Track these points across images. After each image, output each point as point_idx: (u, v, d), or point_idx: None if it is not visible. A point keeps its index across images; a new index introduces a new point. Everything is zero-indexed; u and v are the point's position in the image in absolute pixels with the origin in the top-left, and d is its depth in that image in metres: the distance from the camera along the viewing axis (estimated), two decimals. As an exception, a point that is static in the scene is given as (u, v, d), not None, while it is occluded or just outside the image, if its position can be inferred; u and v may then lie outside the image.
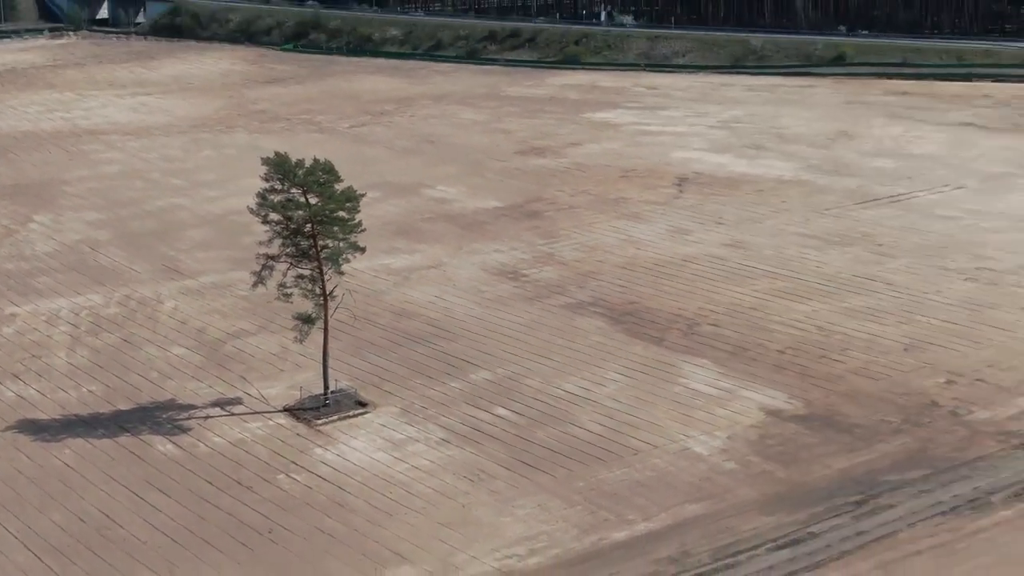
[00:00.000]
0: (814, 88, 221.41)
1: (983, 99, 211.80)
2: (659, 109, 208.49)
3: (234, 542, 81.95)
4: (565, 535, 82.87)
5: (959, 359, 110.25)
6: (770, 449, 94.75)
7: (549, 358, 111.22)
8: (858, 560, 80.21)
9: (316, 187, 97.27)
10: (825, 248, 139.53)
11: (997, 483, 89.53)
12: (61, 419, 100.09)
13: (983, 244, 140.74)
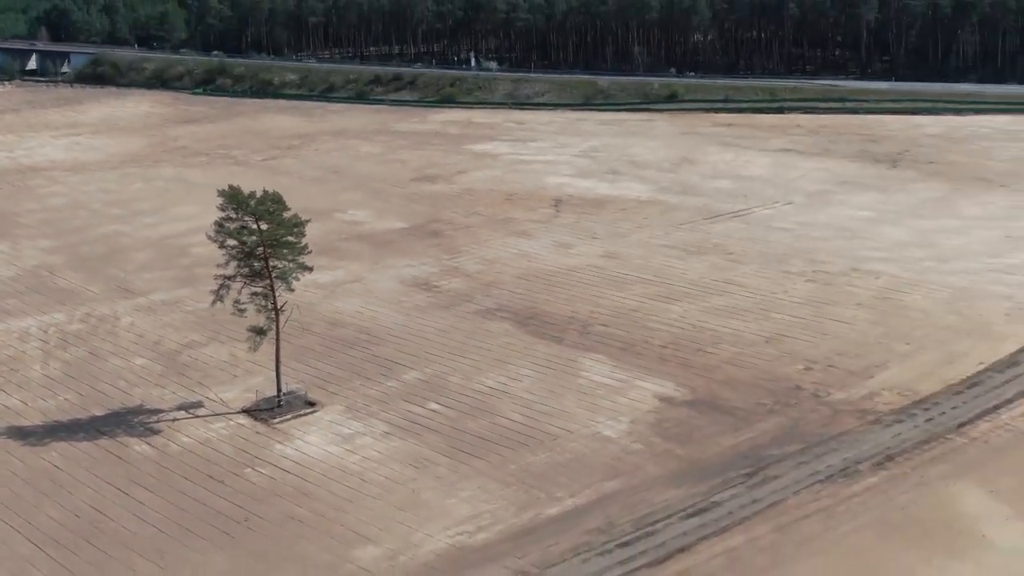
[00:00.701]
0: (654, 121, 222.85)
1: (796, 128, 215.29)
2: (528, 141, 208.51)
3: (214, 530, 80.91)
4: (505, 512, 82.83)
5: (812, 348, 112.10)
6: (668, 431, 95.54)
7: (467, 357, 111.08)
8: (757, 524, 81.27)
9: (267, 215, 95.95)
10: (685, 257, 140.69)
11: (861, 454, 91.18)
12: (43, 425, 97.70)
13: (815, 250, 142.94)
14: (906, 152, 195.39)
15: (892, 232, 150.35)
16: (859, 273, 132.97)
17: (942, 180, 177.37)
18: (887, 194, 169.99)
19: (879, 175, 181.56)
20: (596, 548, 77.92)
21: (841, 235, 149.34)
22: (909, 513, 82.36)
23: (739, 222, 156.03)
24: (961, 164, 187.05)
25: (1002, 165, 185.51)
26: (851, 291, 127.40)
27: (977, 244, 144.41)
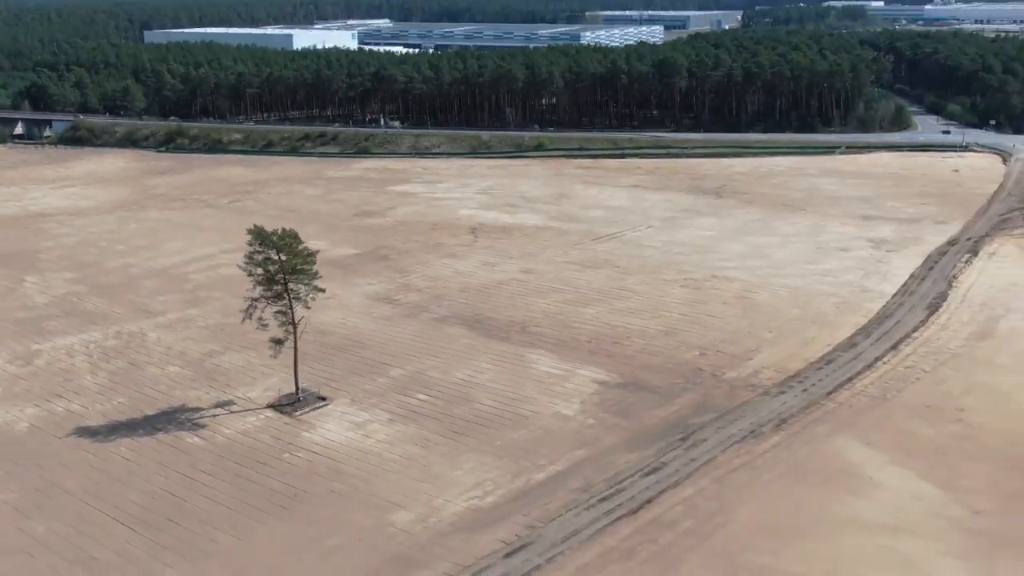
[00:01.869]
0: (530, 166, 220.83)
1: (637, 169, 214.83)
2: (436, 182, 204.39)
3: (272, 504, 78.39)
4: (503, 479, 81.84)
5: (700, 338, 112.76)
6: (611, 408, 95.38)
7: (437, 356, 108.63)
8: (700, 478, 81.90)
9: (286, 248, 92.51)
10: (584, 270, 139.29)
11: (761, 419, 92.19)
12: (106, 425, 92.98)
13: (681, 263, 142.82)
14: (724, 186, 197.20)
15: (733, 247, 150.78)
16: (718, 279, 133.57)
17: (757, 207, 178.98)
18: (719, 218, 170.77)
19: (709, 204, 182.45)
20: (582, 504, 77.51)
21: (696, 250, 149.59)
22: (809, 463, 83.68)
23: (617, 242, 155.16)
24: (767, 194, 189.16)
25: (798, 194, 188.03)
26: (716, 293, 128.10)
27: (797, 254, 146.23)
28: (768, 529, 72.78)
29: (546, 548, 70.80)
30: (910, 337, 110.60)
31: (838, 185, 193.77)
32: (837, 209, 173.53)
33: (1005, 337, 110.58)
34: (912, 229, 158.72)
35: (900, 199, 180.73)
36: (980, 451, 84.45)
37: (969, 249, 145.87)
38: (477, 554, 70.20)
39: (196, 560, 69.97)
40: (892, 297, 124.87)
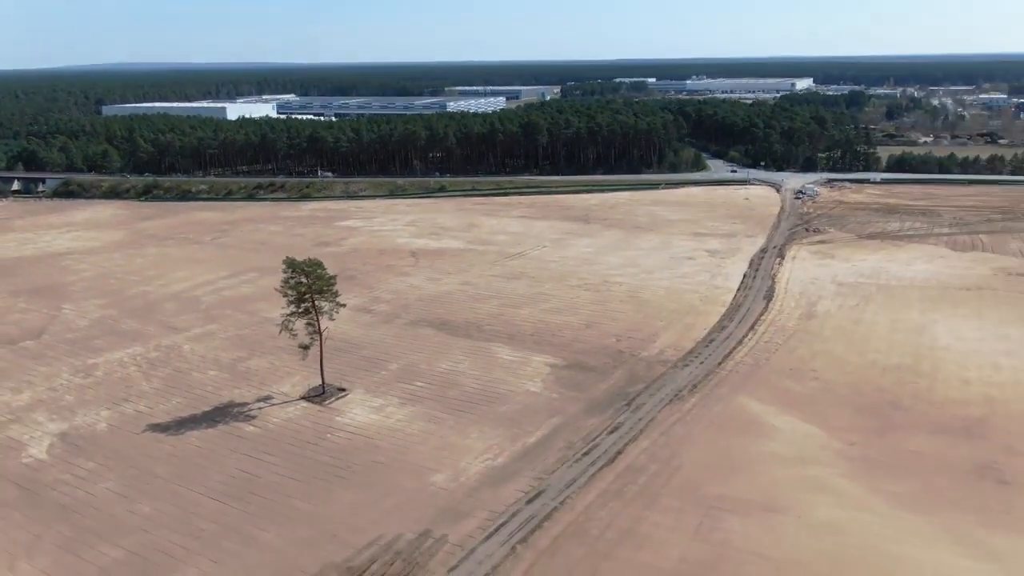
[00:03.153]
0: (438, 203, 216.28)
1: (519, 204, 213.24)
2: (371, 218, 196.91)
3: (331, 475, 74.50)
4: (505, 444, 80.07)
5: (612, 328, 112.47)
6: (566, 384, 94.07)
7: (419, 352, 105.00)
8: (650, 432, 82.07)
9: (312, 272, 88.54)
10: (508, 281, 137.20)
11: (678, 386, 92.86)
12: (172, 421, 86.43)
13: (577, 272, 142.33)
14: (587, 214, 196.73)
15: (611, 259, 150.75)
16: (609, 283, 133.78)
17: (617, 229, 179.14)
18: (593, 238, 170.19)
19: (581, 228, 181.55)
20: (570, 459, 76.37)
21: (585, 263, 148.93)
22: (724, 417, 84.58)
23: (524, 259, 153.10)
24: (621, 219, 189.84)
25: (643, 219, 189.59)
26: (612, 294, 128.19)
27: (659, 263, 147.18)
28: (713, 467, 73.45)
29: (556, 494, 69.65)
30: (760, 320, 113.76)
31: (668, 212, 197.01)
32: (675, 229, 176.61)
33: (824, 316, 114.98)
34: (732, 241, 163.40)
35: (715, 220, 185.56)
36: (837, 400, 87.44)
37: (777, 254, 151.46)
38: (505, 502, 68.46)
39: (286, 524, 65.85)
40: (737, 292, 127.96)
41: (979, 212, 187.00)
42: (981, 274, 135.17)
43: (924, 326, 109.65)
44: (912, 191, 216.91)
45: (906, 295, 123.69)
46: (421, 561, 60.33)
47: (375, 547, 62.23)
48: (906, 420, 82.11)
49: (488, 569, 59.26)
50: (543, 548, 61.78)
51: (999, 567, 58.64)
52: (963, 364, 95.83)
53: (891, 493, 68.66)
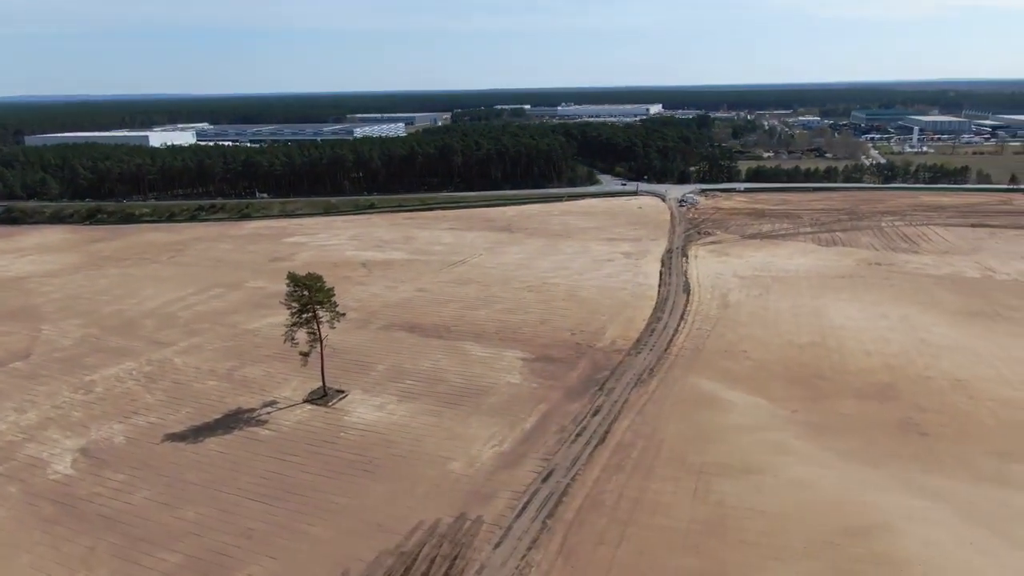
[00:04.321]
0: (372, 219, 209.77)
1: (445, 217, 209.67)
2: (314, 234, 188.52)
3: (357, 470, 71.78)
4: (505, 431, 79.13)
5: (565, 324, 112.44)
6: (540, 375, 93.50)
7: (400, 353, 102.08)
8: (628, 413, 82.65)
9: (312, 286, 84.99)
10: (459, 286, 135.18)
11: (639, 371, 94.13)
12: (189, 429, 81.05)
13: (517, 277, 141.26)
14: (509, 225, 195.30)
15: (542, 263, 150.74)
16: (548, 285, 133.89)
17: (539, 237, 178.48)
18: (521, 246, 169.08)
19: (508, 237, 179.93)
20: (567, 440, 76.22)
21: (520, 267, 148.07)
22: (685, 395, 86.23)
23: (466, 266, 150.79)
24: (539, 228, 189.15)
25: (558, 228, 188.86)
26: (553, 294, 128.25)
27: (585, 266, 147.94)
28: (691, 439, 74.97)
29: (565, 471, 69.48)
30: (687, 311, 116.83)
31: (578, 221, 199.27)
32: (589, 236, 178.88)
33: (737, 305, 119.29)
34: (640, 245, 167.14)
35: (620, 227, 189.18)
36: (771, 375, 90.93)
37: (682, 254, 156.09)
38: (523, 482, 67.79)
39: (329, 518, 62.97)
40: (659, 287, 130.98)
41: (829, 214, 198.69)
42: (848, 265, 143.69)
43: (818, 309, 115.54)
44: (771, 198, 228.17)
45: (796, 284, 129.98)
46: (466, 541, 58.97)
47: (420, 532, 60.39)
48: (831, 388, 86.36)
49: (528, 543, 58.54)
50: (570, 520, 61.56)
51: (944, 503, 62.57)
52: (860, 339, 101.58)
53: (840, 450, 72.07)
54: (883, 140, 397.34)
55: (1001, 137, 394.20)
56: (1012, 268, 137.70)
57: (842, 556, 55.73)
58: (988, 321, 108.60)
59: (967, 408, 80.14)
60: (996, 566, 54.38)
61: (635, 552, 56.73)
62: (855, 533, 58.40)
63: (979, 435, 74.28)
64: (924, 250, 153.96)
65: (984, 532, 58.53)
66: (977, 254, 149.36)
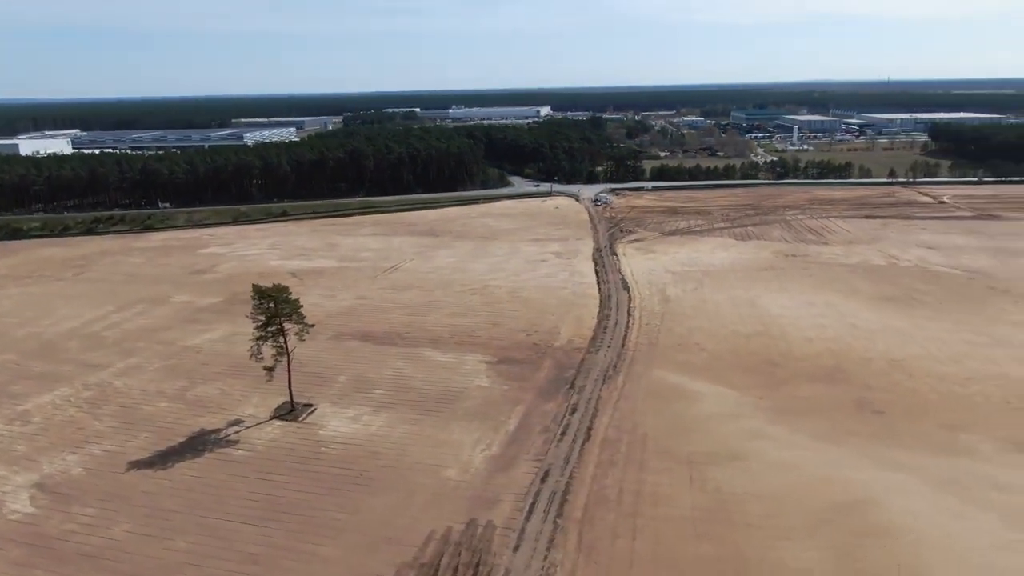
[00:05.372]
0: (287, 226, 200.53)
1: (364, 223, 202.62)
2: (230, 244, 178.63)
3: (351, 485, 69.92)
4: (490, 435, 78.96)
5: (517, 325, 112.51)
6: (509, 377, 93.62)
7: (360, 363, 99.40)
8: (605, 409, 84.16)
9: (278, 298, 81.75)
10: (399, 292, 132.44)
11: (604, 367, 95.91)
12: (153, 456, 75.81)
13: (457, 280, 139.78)
14: (432, 229, 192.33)
15: (477, 266, 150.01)
16: (490, 287, 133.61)
17: (467, 240, 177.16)
18: (451, 249, 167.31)
19: (435, 241, 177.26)
20: (553, 440, 76.82)
21: (456, 271, 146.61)
22: (654, 388, 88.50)
23: (401, 272, 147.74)
24: (464, 232, 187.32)
25: (483, 230, 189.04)
26: (497, 296, 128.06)
27: (520, 267, 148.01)
28: (671, 430, 77.22)
29: (561, 470, 70.07)
30: (632, 307, 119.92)
31: (499, 222, 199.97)
32: (515, 237, 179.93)
33: (676, 300, 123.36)
34: (568, 244, 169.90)
35: (543, 227, 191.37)
36: (727, 365, 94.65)
37: (611, 252, 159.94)
38: (522, 484, 67.87)
39: (335, 535, 60.92)
40: (599, 286, 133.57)
41: (737, 209, 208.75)
42: (767, 257, 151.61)
43: (752, 300, 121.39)
44: (679, 195, 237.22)
45: (725, 277, 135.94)
46: (483, 547, 58.56)
47: (434, 542, 59.43)
48: (785, 374, 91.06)
49: (546, 543, 58.79)
50: (580, 518, 62.24)
51: (914, 475, 67.42)
52: (799, 327, 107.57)
53: (809, 432, 76.23)
54: (766, 138, 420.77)
55: (869, 135, 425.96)
56: (912, 255, 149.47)
57: (839, 531, 59.12)
58: (903, 305, 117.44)
59: (910, 386, 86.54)
60: (973, 529, 59.19)
61: (652, 543, 58.08)
62: (845, 509, 62.06)
63: (926, 410, 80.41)
64: (831, 241, 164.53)
65: (954, 499, 63.54)
66: (878, 243, 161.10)
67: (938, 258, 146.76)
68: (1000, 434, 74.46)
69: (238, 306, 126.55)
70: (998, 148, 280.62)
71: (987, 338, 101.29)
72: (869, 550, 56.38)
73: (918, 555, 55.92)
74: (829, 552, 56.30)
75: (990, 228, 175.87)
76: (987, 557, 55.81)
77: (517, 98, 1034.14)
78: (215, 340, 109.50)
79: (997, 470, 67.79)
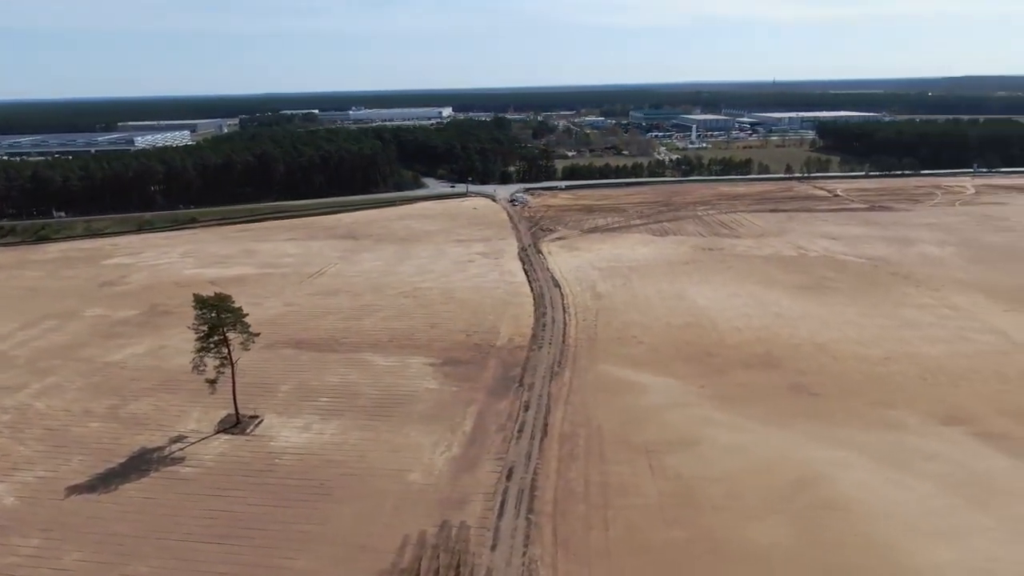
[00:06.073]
0: (198, 234, 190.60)
1: (281, 227, 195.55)
2: (138, 254, 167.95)
3: (315, 496, 68.19)
4: (447, 436, 78.65)
5: (455, 326, 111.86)
6: (456, 378, 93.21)
7: (302, 371, 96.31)
8: (557, 404, 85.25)
9: (220, 307, 78.86)
10: (328, 298, 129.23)
11: (548, 364, 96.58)
12: (93, 478, 71.23)
13: (386, 283, 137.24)
14: (351, 232, 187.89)
15: (404, 268, 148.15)
16: (421, 290, 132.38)
17: (388, 243, 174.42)
18: (374, 252, 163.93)
19: (357, 244, 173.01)
20: (512, 438, 77.30)
21: (384, 274, 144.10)
22: (601, 381, 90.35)
23: (327, 277, 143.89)
24: (384, 234, 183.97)
25: (404, 232, 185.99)
26: (430, 298, 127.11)
27: (449, 268, 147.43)
28: (624, 421, 79.09)
29: (524, 467, 70.64)
30: (566, 303, 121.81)
31: (420, 224, 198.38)
32: (438, 238, 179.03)
33: (607, 295, 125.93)
34: (492, 244, 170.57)
35: (464, 228, 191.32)
36: (666, 356, 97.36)
37: (537, 251, 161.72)
38: (489, 483, 68.02)
39: (305, 548, 59.30)
40: (530, 284, 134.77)
41: (650, 206, 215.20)
42: (686, 251, 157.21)
43: (679, 293, 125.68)
44: (593, 194, 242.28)
45: (650, 272, 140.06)
46: (461, 548, 58.44)
47: (410, 546, 58.84)
48: (722, 363, 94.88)
49: (522, 540, 59.26)
50: (551, 512, 63.02)
51: (854, 451, 71.77)
52: (727, 317, 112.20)
53: (753, 416, 79.86)
54: (667, 137, 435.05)
55: (761, 133, 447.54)
56: (818, 246, 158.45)
57: (798, 507, 62.40)
58: (818, 293, 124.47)
59: (836, 368, 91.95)
60: (915, 497, 63.70)
61: (625, 532, 59.53)
62: (799, 486, 65.51)
63: (854, 390, 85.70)
64: (743, 234, 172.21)
65: (893, 470, 68.15)
66: (786, 235, 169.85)
67: (842, 248, 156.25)
68: (922, 408, 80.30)
69: (160, 318, 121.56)
70: (881, 144, 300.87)
71: (897, 320, 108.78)
72: (828, 523, 59.78)
73: (871, 524, 59.72)
74: (792, 527, 59.33)
75: (883, 219, 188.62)
76: (930, 522, 60.21)
77: (417, 99, 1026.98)
78: (140, 355, 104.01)
79: (925, 441, 73.14)
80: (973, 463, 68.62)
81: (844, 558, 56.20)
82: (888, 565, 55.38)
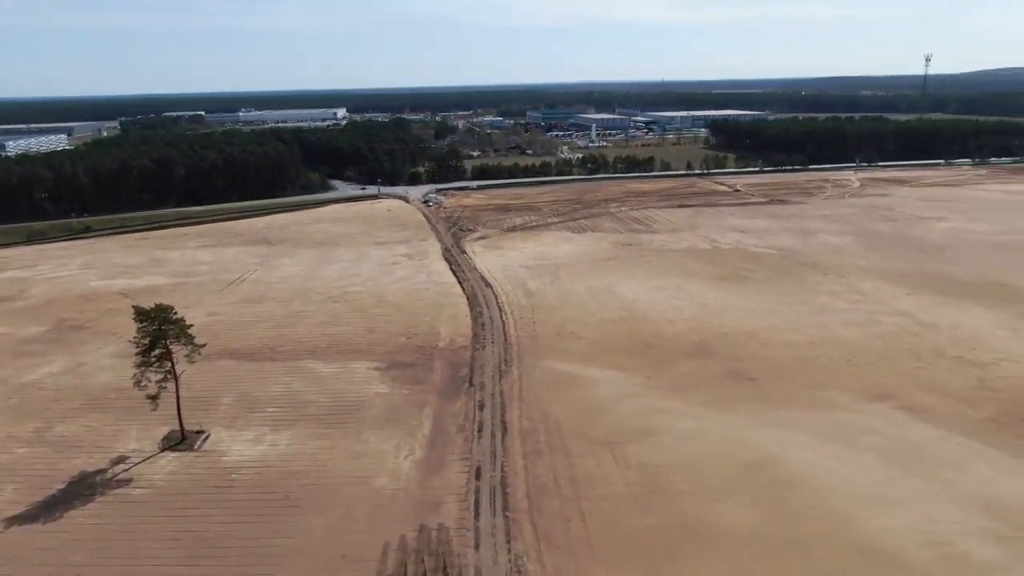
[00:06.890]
0: (96, 243, 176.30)
1: (187, 234, 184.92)
2: (33, 266, 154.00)
3: (277, 508, 66.06)
4: (407, 440, 77.85)
5: (392, 329, 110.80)
6: (404, 381, 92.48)
7: (240, 382, 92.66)
8: (512, 403, 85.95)
9: (161, 319, 75.42)
10: (254, 305, 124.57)
11: (495, 363, 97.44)
12: (35, 508, 66.13)
13: (311, 288, 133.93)
14: (265, 237, 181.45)
15: (328, 273, 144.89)
16: (350, 294, 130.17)
17: (307, 247, 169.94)
18: (292, 257, 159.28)
19: (273, 250, 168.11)
20: (473, 439, 77.31)
21: (308, 279, 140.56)
22: (550, 377, 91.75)
23: (248, 283, 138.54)
24: (301, 239, 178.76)
25: (320, 236, 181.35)
26: (362, 302, 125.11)
27: (374, 271, 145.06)
28: (580, 415, 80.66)
29: (491, 465, 71.01)
30: (501, 303, 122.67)
31: (335, 227, 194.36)
32: (357, 241, 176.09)
33: (539, 293, 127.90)
34: (414, 246, 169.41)
35: (381, 231, 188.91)
36: (607, 350, 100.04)
37: (460, 251, 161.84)
38: (459, 483, 67.98)
39: (283, 562, 57.56)
40: (460, 284, 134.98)
41: (563, 204, 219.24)
42: (606, 247, 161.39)
43: (608, 288, 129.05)
44: (506, 193, 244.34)
45: (576, 268, 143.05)
46: (445, 550, 58.31)
47: (392, 553, 58.20)
48: (662, 354, 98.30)
49: (504, 537, 59.72)
50: (527, 508, 63.73)
51: (797, 431, 76.20)
52: (658, 309, 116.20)
53: (701, 403, 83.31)
54: (567, 137, 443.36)
55: (656, 131, 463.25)
56: (730, 238, 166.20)
57: (757, 487, 65.74)
58: (737, 283, 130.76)
59: (767, 354, 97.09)
60: (860, 471, 68.33)
61: (601, 522, 61.04)
62: (755, 467, 69.01)
63: (787, 373, 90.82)
64: (657, 229, 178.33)
65: (836, 446, 72.86)
66: (697, 229, 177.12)
67: (751, 240, 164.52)
68: (851, 387, 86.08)
69: (71, 334, 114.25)
70: (770, 141, 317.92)
71: (814, 307, 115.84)
72: (787, 499, 63.36)
73: (824, 497, 63.73)
74: (756, 506, 62.53)
75: (782, 211, 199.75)
76: (875, 491, 64.83)
77: (309, 100, 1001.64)
78: (58, 373, 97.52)
79: (859, 418, 78.53)
80: (905, 435, 74.28)
81: (804, 530, 59.71)
82: (844, 533, 59.27)
